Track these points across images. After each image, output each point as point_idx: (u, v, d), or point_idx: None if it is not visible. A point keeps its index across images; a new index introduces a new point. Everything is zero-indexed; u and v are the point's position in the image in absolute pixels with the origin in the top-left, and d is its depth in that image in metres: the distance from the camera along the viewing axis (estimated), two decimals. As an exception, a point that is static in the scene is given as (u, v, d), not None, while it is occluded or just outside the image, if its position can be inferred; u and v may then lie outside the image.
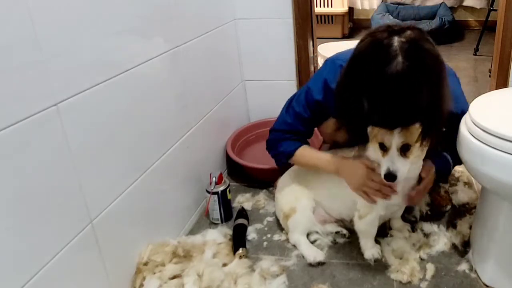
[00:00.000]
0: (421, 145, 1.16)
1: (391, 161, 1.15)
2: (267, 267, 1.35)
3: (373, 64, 1.02)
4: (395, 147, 1.14)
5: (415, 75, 0.99)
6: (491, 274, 1.26)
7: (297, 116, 1.40)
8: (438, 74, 1.04)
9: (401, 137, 1.13)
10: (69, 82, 1.00)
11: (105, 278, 1.15)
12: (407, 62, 0.98)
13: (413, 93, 1.00)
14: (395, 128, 1.11)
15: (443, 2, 4.20)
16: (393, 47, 0.99)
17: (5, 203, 0.86)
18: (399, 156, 1.15)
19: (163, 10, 1.38)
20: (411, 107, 1.03)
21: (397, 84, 0.99)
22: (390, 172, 1.14)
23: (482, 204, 1.30)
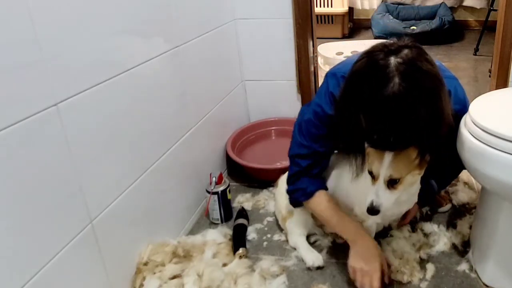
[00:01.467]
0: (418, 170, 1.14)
1: (376, 194, 1.12)
2: (267, 267, 1.35)
3: (370, 85, 1.00)
4: (383, 179, 1.11)
5: (412, 96, 0.97)
6: (491, 274, 1.26)
7: (312, 137, 1.31)
8: (436, 94, 1.02)
9: (390, 170, 1.10)
10: (69, 82, 1.00)
11: (105, 278, 1.15)
12: (403, 83, 0.96)
13: (410, 114, 0.98)
14: (392, 150, 1.08)
15: (443, 2, 4.20)
16: (389, 68, 0.98)
17: (5, 203, 0.86)
18: (386, 188, 1.12)
19: (163, 10, 1.38)
20: (408, 128, 1.01)
21: (393, 106, 0.98)
22: (373, 206, 1.12)
23: (482, 204, 1.30)
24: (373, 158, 1.13)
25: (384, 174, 1.11)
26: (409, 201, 1.29)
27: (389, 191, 1.13)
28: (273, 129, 2.09)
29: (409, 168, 1.12)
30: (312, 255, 1.39)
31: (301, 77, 2.00)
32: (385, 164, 1.10)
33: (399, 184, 1.12)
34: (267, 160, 1.87)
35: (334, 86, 1.26)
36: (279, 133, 2.07)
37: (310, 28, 1.95)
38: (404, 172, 1.11)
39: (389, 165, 1.10)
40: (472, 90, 2.69)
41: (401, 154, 1.10)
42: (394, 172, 1.10)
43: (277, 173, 1.78)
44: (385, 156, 1.10)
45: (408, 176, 1.12)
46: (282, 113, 2.07)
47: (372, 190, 1.13)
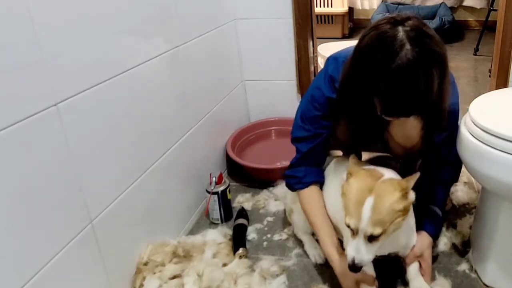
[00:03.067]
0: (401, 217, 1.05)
1: (356, 250, 1.04)
2: (267, 267, 1.35)
3: (382, 55, 1.01)
4: (362, 235, 1.03)
5: (426, 60, 0.99)
6: (491, 274, 1.26)
7: (311, 120, 1.33)
8: (445, 59, 1.04)
9: (370, 227, 1.02)
10: (69, 82, 1.00)
11: (105, 278, 1.15)
12: (416, 48, 0.98)
13: (425, 78, 0.99)
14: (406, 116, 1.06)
15: (443, 2, 4.20)
16: (399, 37, 0.99)
17: (5, 203, 0.86)
18: (367, 244, 1.04)
19: (163, 10, 1.38)
20: (423, 93, 1.01)
21: (409, 72, 0.98)
22: (356, 264, 1.04)
23: (482, 204, 1.30)
24: (350, 208, 1.05)
25: (364, 230, 1.03)
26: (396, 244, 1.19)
27: (370, 245, 1.04)
28: (273, 129, 2.09)
29: (391, 219, 1.03)
30: (315, 251, 1.40)
31: (301, 77, 2.00)
32: (364, 219, 1.02)
33: (381, 238, 1.04)
34: (267, 160, 1.87)
35: (334, 70, 1.27)
36: (279, 133, 2.07)
37: (310, 28, 1.95)
38: (386, 224, 1.03)
39: (369, 220, 1.02)
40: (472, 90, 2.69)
41: (381, 205, 1.03)
42: (374, 228, 1.02)
43: (277, 173, 1.79)
44: (364, 209, 1.03)
45: (390, 227, 1.04)
46: (282, 113, 2.07)
47: (352, 244, 1.05)
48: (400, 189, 1.05)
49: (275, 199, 1.72)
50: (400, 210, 1.04)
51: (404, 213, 1.06)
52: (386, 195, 1.04)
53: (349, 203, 1.06)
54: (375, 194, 1.04)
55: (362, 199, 1.04)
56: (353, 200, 1.06)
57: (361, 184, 1.07)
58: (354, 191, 1.07)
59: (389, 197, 1.03)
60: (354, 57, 1.09)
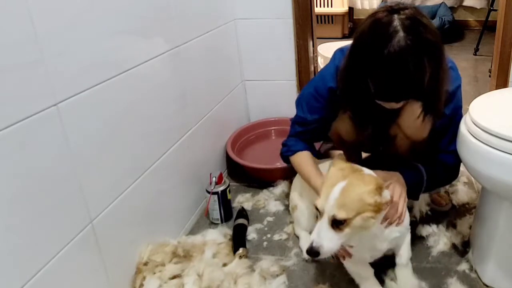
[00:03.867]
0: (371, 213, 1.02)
1: (317, 233, 1.01)
2: (267, 267, 1.35)
3: (375, 41, 1.04)
4: (327, 217, 1.01)
5: (418, 48, 1.01)
6: (491, 274, 1.26)
7: (311, 109, 1.38)
8: (439, 48, 1.06)
9: (334, 209, 1.00)
10: (69, 82, 1.00)
11: (105, 278, 1.15)
12: (409, 36, 1.01)
13: (416, 66, 1.02)
14: (397, 101, 1.09)
15: (443, 2, 4.20)
16: (394, 24, 1.02)
17: (5, 203, 0.86)
18: (330, 228, 1.00)
19: (163, 10, 1.38)
20: (414, 80, 1.04)
21: (400, 59, 1.01)
22: (312, 247, 1.00)
23: (482, 204, 1.30)
24: (322, 191, 1.05)
25: (328, 212, 1.01)
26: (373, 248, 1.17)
27: (333, 232, 1.01)
28: (273, 129, 2.09)
29: (358, 208, 1.00)
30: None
31: (301, 77, 2.00)
32: (330, 200, 1.01)
33: (345, 226, 1.00)
34: (267, 160, 1.87)
35: (340, 60, 1.29)
36: (279, 133, 2.07)
37: (310, 28, 1.95)
38: (352, 212, 1.00)
39: (335, 202, 1.00)
40: (472, 90, 2.69)
41: (351, 190, 1.03)
42: (339, 210, 0.99)
43: (277, 173, 1.79)
44: (333, 190, 1.02)
45: (357, 219, 1.01)
46: (282, 113, 2.07)
47: (315, 228, 1.04)
48: (375, 184, 1.03)
49: (275, 199, 1.72)
50: (370, 204, 1.02)
51: (375, 210, 1.03)
52: (358, 183, 1.03)
53: (323, 187, 1.07)
54: (348, 180, 1.04)
55: (335, 182, 1.04)
56: (326, 184, 1.06)
57: (338, 172, 1.08)
58: (331, 176, 1.08)
59: (361, 187, 1.03)
60: (352, 42, 1.13)
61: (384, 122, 1.35)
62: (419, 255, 1.39)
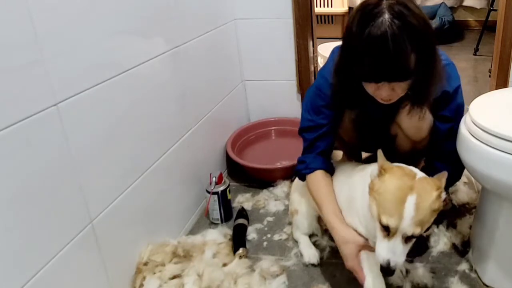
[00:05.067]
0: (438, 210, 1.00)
1: (393, 252, 0.96)
2: (267, 267, 1.35)
3: (361, 22, 1.07)
4: (400, 235, 0.96)
5: (400, 30, 1.03)
6: (491, 274, 1.26)
7: (316, 110, 1.36)
8: (424, 34, 1.07)
9: (412, 227, 0.95)
10: (69, 82, 1.00)
11: (105, 278, 1.15)
12: (393, 18, 1.03)
13: (397, 47, 1.03)
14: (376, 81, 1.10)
15: (443, 2, 4.20)
16: (380, 6, 1.05)
17: (5, 202, 0.86)
18: (403, 244, 0.97)
19: (163, 10, 1.38)
20: (394, 61, 1.05)
21: (381, 38, 1.03)
22: (391, 267, 0.96)
23: (482, 204, 1.30)
24: (389, 207, 0.97)
25: (405, 230, 0.95)
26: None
27: (405, 246, 0.97)
28: (273, 129, 2.09)
29: (430, 218, 0.97)
30: (310, 251, 1.40)
31: (301, 77, 2.00)
32: (407, 219, 0.95)
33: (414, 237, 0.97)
34: (267, 160, 1.87)
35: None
36: (279, 133, 2.07)
37: (310, 28, 1.95)
38: (425, 225, 0.96)
39: (411, 220, 0.94)
40: (472, 90, 2.69)
41: (422, 204, 0.97)
42: (417, 227, 0.94)
43: (277, 173, 1.79)
44: (405, 208, 0.95)
45: (427, 225, 0.98)
46: (282, 113, 2.07)
47: (388, 245, 0.97)
48: (436, 188, 1.00)
49: (275, 199, 1.72)
50: (435, 210, 0.99)
51: (438, 212, 1.01)
52: (426, 194, 0.98)
53: (387, 202, 0.99)
54: (417, 193, 0.97)
55: (404, 197, 0.96)
56: (392, 199, 0.98)
57: (399, 182, 1.00)
58: (393, 188, 0.99)
59: (429, 196, 0.98)
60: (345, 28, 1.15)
61: (383, 120, 1.36)
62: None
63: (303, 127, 1.40)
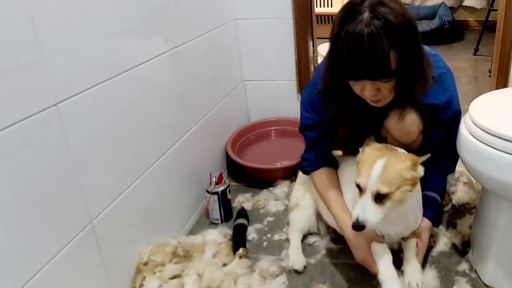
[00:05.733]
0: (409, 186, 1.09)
1: (362, 209, 1.07)
2: (267, 267, 1.35)
3: (343, 19, 1.08)
4: (370, 193, 1.07)
5: (378, 29, 1.03)
6: (491, 274, 1.26)
7: (314, 108, 1.37)
8: (405, 32, 1.07)
9: (378, 184, 1.06)
10: (69, 82, 1.00)
11: (105, 278, 1.15)
12: (372, 17, 1.04)
13: (373, 45, 1.04)
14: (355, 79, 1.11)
15: (443, 2, 4.20)
16: (363, 5, 1.06)
17: (5, 203, 0.86)
18: (373, 203, 1.07)
19: (163, 10, 1.38)
20: (373, 59, 1.06)
21: (358, 36, 1.04)
22: (359, 222, 1.06)
23: (482, 204, 1.30)
24: (362, 169, 1.10)
25: (371, 188, 1.07)
26: (405, 222, 1.23)
27: (376, 206, 1.07)
28: (273, 129, 2.09)
29: (398, 183, 1.07)
30: (296, 257, 1.38)
31: (301, 77, 2.00)
32: (373, 176, 1.07)
33: (387, 200, 1.07)
34: (267, 160, 1.87)
35: None
36: (279, 133, 2.07)
37: (310, 28, 1.95)
38: (393, 186, 1.06)
39: (377, 178, 1.06)
40: (472, 90, 2.69)
41: (391, 167, 1.08)
42: (383, 186, 1.06)
43: (277, 173, 1.79)
44: (374, 168, 1.08)
45: (397, 192, 1.08)
46: (282, 113, 2.07)
47: (359, 204, 1.09)
48: (411, 160, 1.10)
49: (275, 199, 1.72)
50: (408, 179, 1.09)
51: (412, 184, 1.10)
52: (396, 160, 1.10)
53: (361, 166, 1.12)
54: (387, 158, 1.10)
55: (374, 160, 1.10)
56: (365, 162, 1.11)
57: (375, 151, 1.14)
58: (368, 155, 1.13)
59: (400, 163, 1.09)
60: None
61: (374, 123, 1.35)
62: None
63: (304, 125, 1.41)
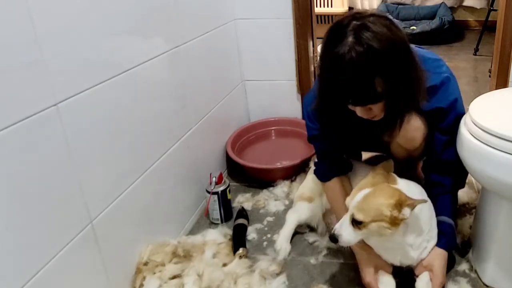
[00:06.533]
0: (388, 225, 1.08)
1: (340, 224, 1.13)
2: (267, 267, 1.35)
3: (328, 43, 1.07)
4: (349, 215, 1.12)
5: (361, 56, 1.01)
6: (491, 274, 1.26)
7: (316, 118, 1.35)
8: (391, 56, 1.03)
9: (354, 209, 1.10)
10: (69, 82, 1.00)
11: (105, 278, 1.15)
12: (355, 42, 1.01)
13: (355, 72, 1.02)
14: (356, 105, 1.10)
15: (443, 2, 4.20)
16: (347, 29, 1.03)
17: (5, 203, 0.86)
18: (350, 224, 1.11)
19: (163, 10, 1.38)
20: (357, 86, 1.04)
21: (341, 62, 1.02)
22: (333, 234, 1.13)
23: (482, 204, 1.30)
24: (353, 191, 1.15)
25: (350, 210, 1.12)
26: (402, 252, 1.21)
27: (351, 228, 1.11)
28: (273, 129, 2.09)
29: (374, 215, 1.08)
30: (283, 244, 1.44)
31: (301, 77, 2.00)
32: (354, 201, 1.11)
33: (362, 227, 1.10)
34: (267, 160, 1.87)
35: None
36: (279, 133, 2.07)
37: (310, 28, 1.95)
38: (368, 217, 1.08)
39: (356, 204, 1.10)
40: (472, 90, 2.69)
41: (372, 198, 1.10)
42: (357, 212, 1.09)
43: (277, 173, 1.79)
44: (359, 194, 1.12)
45: (373, 224, 1.09)
46: (282, 113, 2.07)
47: (342, 219, 1.14)
48: (397, 199, 1.08)
49: (275, 199, 1.72)
50: (386, 215, 1.07)
51: (391, 223, 1.08)
52: (380, 194, 1.11)
53: (355, 188, 1.17)
54: (373, 189, 1.12)
55: (363, 187, 1.14)
56: (359, 186, 1.16)
57: (372, 179, 1.17)
58: (365, 180, 1.17)
59: (382, 198, 1.09)
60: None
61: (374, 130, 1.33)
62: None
63: (311, 136, 1.39)
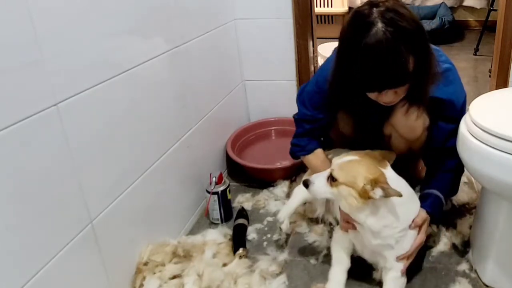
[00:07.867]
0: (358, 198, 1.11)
1: (316, 175, 1.20)
2: (267, 267, 1.35)
3: (355, 33, 1.08)
4: (329, 170, 1.17)
5: (395, 37, 1.04)
6: (491, 274, 1.26)
7: (314, 106, 1.40)
8: (418, 36, 1.08)
9: (335, 166, 1.15)
10: (69, 82, 1.00)
11: (105, 278, 1.15)
12: (386, 26, 1.04)
13: (394, 55, 1.04)
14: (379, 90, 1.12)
15: (443, 2, 4.20)
16: (372, 16, 1.06)
17: (5, 203, 0.86)
18: (325, 178, 1.17)
19: (163, 10, 1.38)
20: (395, 68, 1.06)
21: (378, 48, 1.04)
22: (307, 179, 1.20)
23: (482, 204, 1.30)
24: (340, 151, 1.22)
25: (332, 166, 1.17)
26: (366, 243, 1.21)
27: (325, 182, 1.17)
28: (273, 129, 2.09)
29: (347, 179, 1.12)
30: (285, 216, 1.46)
31: (301, 77, 2.00)
32: (339, 160, 1.17)
33: (334, 186, 1.15)
34: (267, 160, 1.87)
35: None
36: (279, 133, 2.07)
37: (310, 28, 1.95)
38: (342, 178, 1.13)
39: (340, 162, 1.16)
40: (472, 90, 2.69)
41: (354, 164, 1.14)
42: (337, 169, 1.15)
43: (277, 173, 1.79)
44: (346, 157, 1.17)
45: (343, 186, 1.13)
46: (282, 113, 2.07)
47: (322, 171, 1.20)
48: (375, 177, 1.10)
49: (275, 199, 1.72)
50: (358, 186, 1.10)
51: (360, 195, 1.10)
52: (363, 166, 1.14)
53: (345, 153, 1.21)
54: (359, 159, 1.16)
55: (354, 155, 1.18)
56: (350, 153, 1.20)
57: (364, 153, 1.20)
58: (357, 152, 1.21)
59: (364, 169, 1.12)
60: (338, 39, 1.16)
61: (378, 120, 1.36)
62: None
63: (301, 118, 1.45)
